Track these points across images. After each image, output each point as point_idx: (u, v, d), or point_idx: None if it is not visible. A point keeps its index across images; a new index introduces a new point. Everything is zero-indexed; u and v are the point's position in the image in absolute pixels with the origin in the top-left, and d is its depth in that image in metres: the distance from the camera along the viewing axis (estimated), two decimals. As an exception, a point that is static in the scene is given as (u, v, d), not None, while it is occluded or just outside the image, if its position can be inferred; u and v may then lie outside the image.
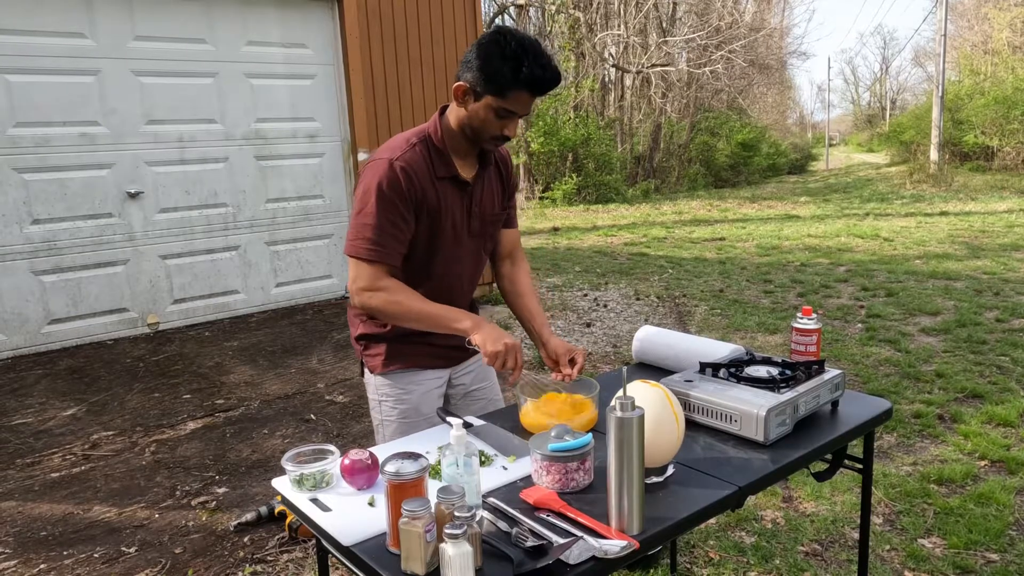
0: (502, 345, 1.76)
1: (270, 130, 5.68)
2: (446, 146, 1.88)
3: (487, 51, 1.74)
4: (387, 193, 1.79)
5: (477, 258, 2.05)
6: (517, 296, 2.14)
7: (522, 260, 2.20)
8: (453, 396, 2.15)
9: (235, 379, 4.46)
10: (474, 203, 1.95)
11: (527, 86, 1.75)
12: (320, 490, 1.59)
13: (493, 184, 2.02)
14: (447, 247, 1.94)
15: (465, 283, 2.04)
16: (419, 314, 1.83)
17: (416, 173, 1.83)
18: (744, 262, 8.61)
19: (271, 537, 2.86)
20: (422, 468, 1.36)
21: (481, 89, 1.77)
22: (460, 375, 2.12)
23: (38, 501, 3.13)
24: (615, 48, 20.55)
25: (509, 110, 1.78)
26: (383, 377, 2.02)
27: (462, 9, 6.36)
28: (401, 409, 2.03)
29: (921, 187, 17.63)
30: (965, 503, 3.00)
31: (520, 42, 1.73)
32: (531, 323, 2.10)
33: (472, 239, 1.99)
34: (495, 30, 1.79)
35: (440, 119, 1.90)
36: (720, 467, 1.62)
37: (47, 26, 4.72)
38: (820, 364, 1.94)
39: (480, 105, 1.78)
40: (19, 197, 4.73)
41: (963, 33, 30.72)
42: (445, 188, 1.88)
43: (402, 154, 1.83)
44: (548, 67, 1.75)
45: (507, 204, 2.10)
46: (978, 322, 5.51)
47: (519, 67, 1.71)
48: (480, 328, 1.79)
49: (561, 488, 1.52)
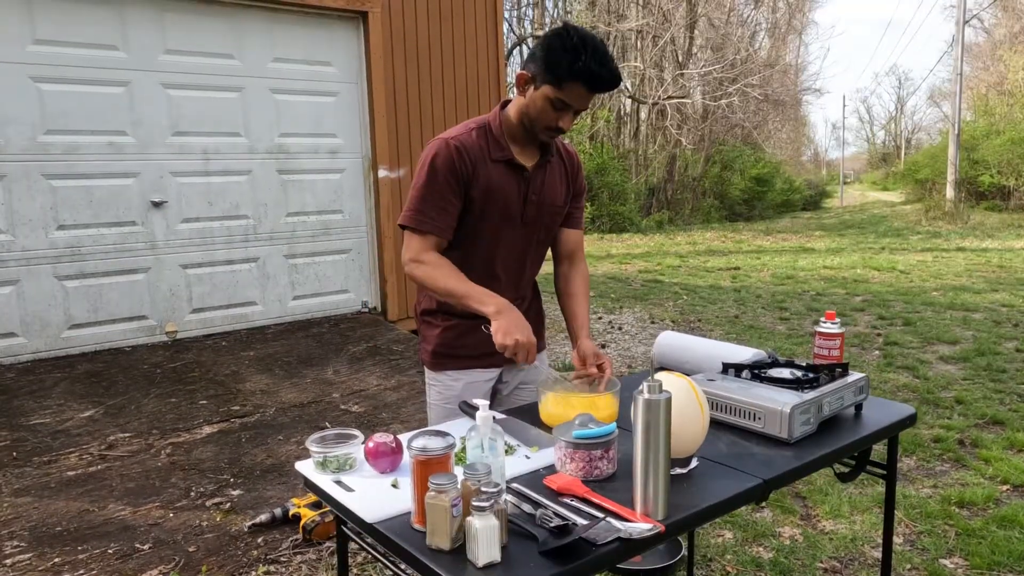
0: (512, 340, 1.75)
1: (293, 145, 5.76)
2: (504, 133, 1.95)
3: (550, 42, 1.81)
4: (439, 167, 1.87)
5: (528, 247, 2.05)
6: (566, 296, 2.17)
7: (581, 263, 2.20)
8: (501, 391, 2.16)
9: (251, 387, 4.47)
10: (532, 190, 1.98)
11: (583, 79, 1.79)
12: (344, 473, 1.59)
13: (556, 176, 2.05)
14: (493, 229, 1.97)
15: (512, 271, 2.05)
16: (450, 289, 1.86)
17: (469, 152, 1.89)
18: (759, 290, 8.59)
19: (285, 539, 2.85)
20: (449, 445, 1.37)
21: (540, 78, 1.83)
22: (512, 372, 2.14)
23: (54, 498, 3.13)
24: (631, 80, 20.76)
25: (565, 102, 1.82)
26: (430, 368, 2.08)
27: (484, 30, 6.47)
28: (446, 396, 2.06)
29: (937, 224, 17.58)
30: (987, 525, 2.95)
31: (583, 37, 1.78)
32: (572, 323, 2.13)
33: (525, 227, 2.01)
34: (562, 24, 1.87)
35: (501, 111, 1.97)
36: (744, 461, 1.62)
37: (81, 37, 4.83)
38: (844, 367, 1.94)
39: (538, 94, 1.84)
40: (46, 203, 4.80)
41: (978, 74, 30.84)
42: (500, 170, 1.93)
43: (458, 135, 1.91)
44: (606, 65, 1.80)
45: (573, 203, 2.13)
46: (997, 351, 5.46)
47: (577, 59, 1.76)
48: (503, 315, 1.79)
49: (585, 476, 1.52)
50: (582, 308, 2.15)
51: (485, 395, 2.09)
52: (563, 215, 2.11)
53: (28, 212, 4.75)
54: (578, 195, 2.15)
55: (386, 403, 4.25)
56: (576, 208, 2.16)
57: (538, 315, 2.21)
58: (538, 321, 2.20)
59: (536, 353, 1.82)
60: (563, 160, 2.08)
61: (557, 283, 2.21)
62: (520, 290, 2.10)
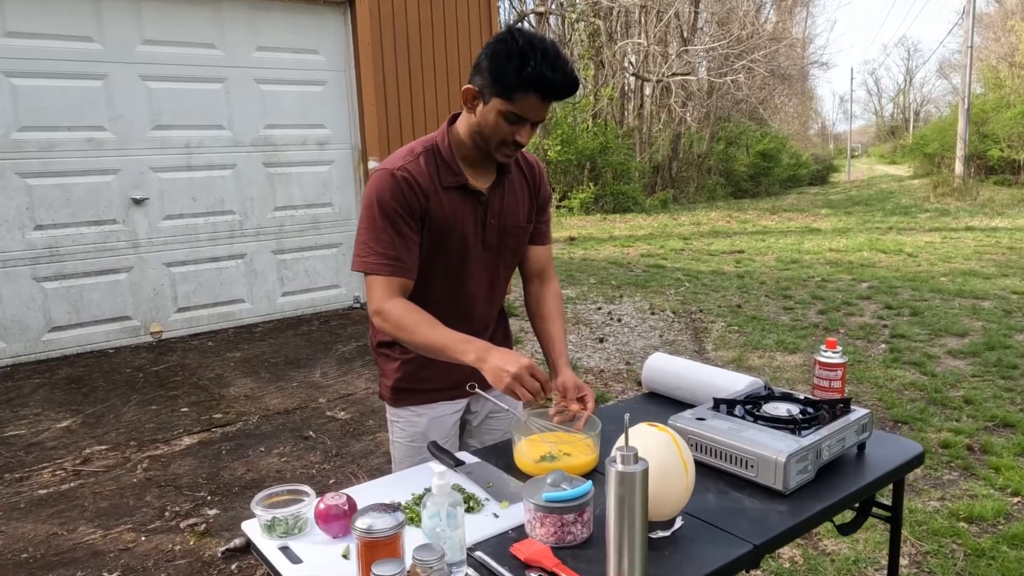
0: (504, 384, 1.57)
1: (279, 137, 5.58)
2: (454, 155, 1.75)
3: (494, 50, 1.61)
4: (389, 203, 1.68)
5: (493, 273, 1.89)
6: (540, 319, 1.99)
7: (552, 280, 2.03)
8: (470, 422, 2.01)
9: (235, 392, 4.34)
10: (490, 214, 1.80)
11: (534, 87, 1.59)
12: (292, 537, 1.45)
13: (517, 194, 1.87)
14: (454, 261, 1.80)
15: (480, 301, 1.89)
16: (424, 344, 1.67)
17: (418, 182, 1.70)
18: (763, 276, 8.40)
19: (260, 565, 2.73)
20: (397, 524, 1.22)
21: (488, 91, 1.63)
22: (480, 401, 1.98)
23: (23, 520, 3.01)
24: (635, 57, 20.40)
25: (518, 114, 1.63)
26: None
27: (477, 14, 6.24)
28: (410, 433, 1.91)
29: (945, 200, 17.30)
30: (997, 544, 2.80)
31: (529, 40, 1.58)
32: (549, 351, 1.95)
33: (487, 252, 1.84)
34: (505, 29, 1.66)
35: (449, 128, 1.78)
36: (734, 520, 1.46)
37: (54, 29, 4.65)
38: (846, 403, 1.78)
39: (488, 109, 1.65)
40: (22, 203, 4.66)
41: (989, 45, 30.26)
42: (453, 198, 1.75)
43: (403, 164, 1.71)
44: (559, 69, 1.59)
45: (537, 218, 1.95)
46: (1008, 345, 5.28)
47: (525, 66, 1.56)
48: (486, 360, 1.60)
49: (557, 542, 1.37)
50: (559, 332, 1.98)
51: (453, 428, 1.95)
52: (528, 233, 1.94)
53: (3, 212, 4.60)
54: (542, 208, 1.96)
55: (373, 409, 4.11)
56: (542, 222, 1.97)
57: (505, 336, 2.06)
58: (505, 342, 2.05)
59: (542, 375, 1.63)
60: (523, 172, 1.89)
61: (529, 305, 2.04)
62: (486, 319, 1.94)
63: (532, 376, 1.58)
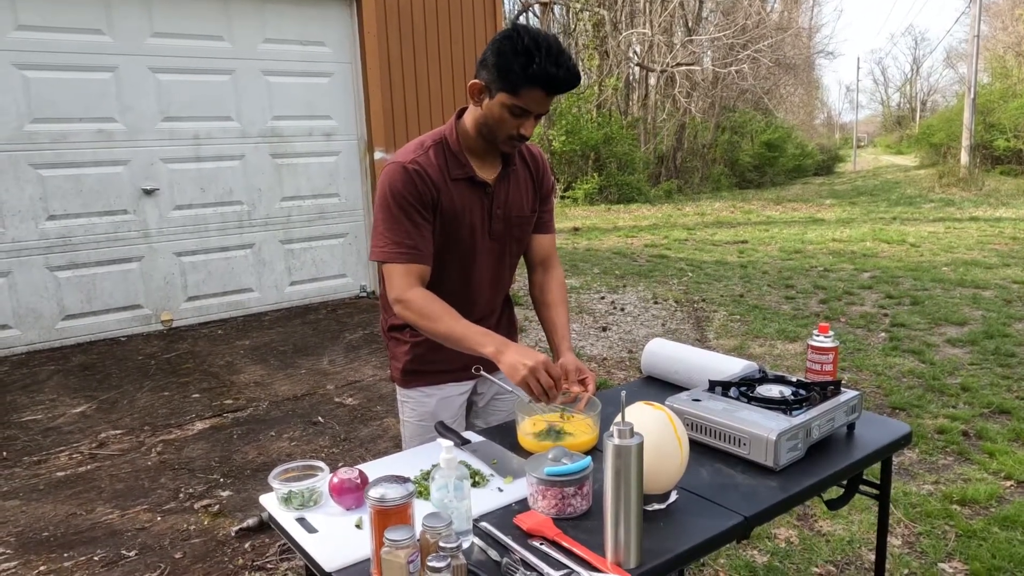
0: (520, 377, 1.64)
1: (286, 128, 5.66)
2: (462, 148, 1.83)
3: (500, 47, 1.69)
4: (402, 194, 1.76)
5: (499, 262, 1.97)
6: (544, 307, 2.07)
7: (555, 268, 2.10)
8: (477, 403, 2.09)
9: (245, 379, 4.43)
10: (496, 204, 1.88)
11: (539, 83, 1.68)
12: (308, 509, 1.53)
13: (522, 185, 1.95)
14: (463, 251, 1.88)
15: (486, 289, 1.97)
16: (445, 334, 1.74)
17: (428, 174, 1.78)
18: (766, 266, 8.46)
19: (272, 543, 2.82)
20: (408, 494, 1.30)
21: (495, 86, 1.71)
22: (487, 383, 2.06)
23: (42, 501, 3.11)
24: (640, 47, 20.37)
25: (523, 108, 1.71)
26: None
27: (481, 5, 6.29)
28: (419, 412, 1.99)
29: (950, 191, 17.28)
30: (989, 526, 2.88)
31: (534, 38, 1.66)
32: (552, 335, 2.03)
33: (493, 242, 1.92)
34: (511, 26, 1.73)
35: (457, 122, 1.85)
36: (726, 494, 1.54)
37: (65, 23, 4.72)
38: (836, 385, 1.85)
39: (494, 103, 1.73)
40: (35, 193, 4.74)
41: (996, 34, 30.09)
42: (461, 189, 1.83)
43: (414, 157, 1.79)
44: (563, 65, 1.67)
45: (540, 207, 2.02)
46: (1006, 333, 5.34)
47: (530, 63, 1.65)
48: (504, 354, 1.67)
49: (557, 513, 1.45)
50: (562, 318, 2.06)
51: (460, 408, 2.03)
52: (533, 223, 2.01)
53: (16, 203, 4.69)
54: (546, 198, 2.04)
55: (380, 395, 4.20)
56: (545, 212, 2.05)
57: (510, 322, 2.13)
58: (510, 329, 2.12)
59: (557, 371, 1.69)
60: (527, 164, 1.97)
61: (533, 292, 2.11)
62: (492, 306, 2.02)
63: (547, 372, 1.66)
